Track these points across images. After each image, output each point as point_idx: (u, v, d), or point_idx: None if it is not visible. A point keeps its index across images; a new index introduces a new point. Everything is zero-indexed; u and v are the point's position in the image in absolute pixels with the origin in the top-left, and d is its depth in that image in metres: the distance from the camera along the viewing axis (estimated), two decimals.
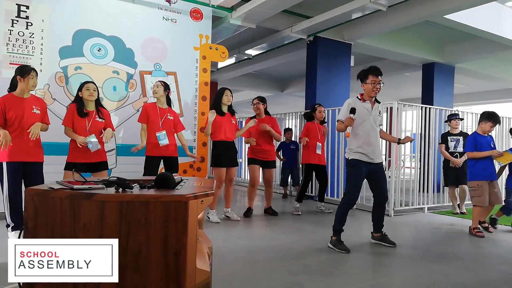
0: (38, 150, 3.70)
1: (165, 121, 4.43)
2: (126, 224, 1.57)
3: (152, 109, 4.42)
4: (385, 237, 3.93)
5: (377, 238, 3.95)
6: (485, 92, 14.14)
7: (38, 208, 1.61)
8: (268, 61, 9.68)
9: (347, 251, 3.57)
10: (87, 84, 3.94)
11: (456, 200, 5.99)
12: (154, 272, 1.58)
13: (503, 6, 7.66)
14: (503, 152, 4.48)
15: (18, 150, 3.54)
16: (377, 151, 3.77)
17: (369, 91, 3.68)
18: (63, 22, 4.81)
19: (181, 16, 5.63)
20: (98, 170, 3.90)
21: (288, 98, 15.20)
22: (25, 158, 3.58)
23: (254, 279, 2.87)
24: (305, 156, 5.79)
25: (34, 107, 3.66)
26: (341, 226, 3.73)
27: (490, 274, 3.15)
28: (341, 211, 3.74)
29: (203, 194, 1.68)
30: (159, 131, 4.36)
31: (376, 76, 3.63)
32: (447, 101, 9.41)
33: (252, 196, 5.35)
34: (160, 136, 4.34)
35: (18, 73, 3.58)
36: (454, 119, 5.86)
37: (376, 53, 8.78)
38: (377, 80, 3.64)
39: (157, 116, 4.39)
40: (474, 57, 9.09)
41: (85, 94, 3.88)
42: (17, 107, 3.55)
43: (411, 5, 6.30)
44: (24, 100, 3.61)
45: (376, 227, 3.97)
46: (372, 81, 3.63)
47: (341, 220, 3.73)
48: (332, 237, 3.74)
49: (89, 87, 3.90)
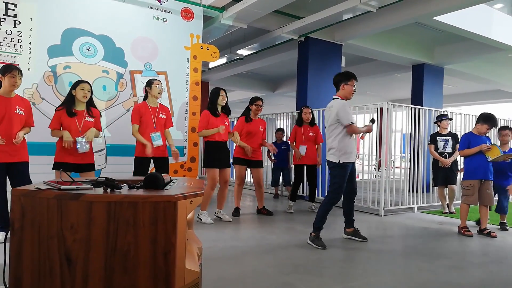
0: (22, 150, 3.64)
1: (158, 120, 4.40)
2: (114, 224, 1.55)
3: (144, 108, 4.36)
4: (357, 232, 4.12)
5: (350, 233, 4.13)
6: (474, 93, 14.31)
7: (24, 209, 1.59)
8: (260, 61, 9.68)
9: (323, 247, 3.71)
10: (82, 84, 3.90)
11: (445, 199, 6.04)
12: (143, 272, 1.56)
13: (492, 9, 7.76)
14: (491, 145, 4.47)
15: (0, 151, 3.48)
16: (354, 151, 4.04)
17: (348, 93, 3.93)
18: (52, 20, 4.75)
19: (172, 15, 5.61)
20: (85, 170, 3.87)
21: (279, 98, 15.22)
22: (8, 159, 3.52)
23: (244, 279, 2.86)
24: (296, 157, 5.87)
25: (17, 107, 3.59)
26: (322, 224, 3.89)
27: (478, 273, 3.19)
28: (323, 210, 3.90)
29: (193, 194, 1.67)
30: (153, 131, 4.32)
31: (356, 81, 3.95)
32: (437, 102, 9.51)
33: (239, 195, 5.42)
34: (155, 137, 4.29)
35: (0, 71, 3.53)
36: (444, 119, 5.92)
37: (367, 54, 8.84)
38: (355, 84, 3.95)
39: (150, 116, 4.34)
40: (464, 58, 9.19)
41: (79, 94, 3.85)
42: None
43: (401, 7, 6.36)
44: (7, 100, 3.55)
45: (348, 222, 4.15)
46: (353, 84, 3.92)
47: (322, 218, 3.89)
48: (312, 233, 3.88)
49: (84, 87, 3.86)
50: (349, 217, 4.14)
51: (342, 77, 3.96)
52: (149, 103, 4.42)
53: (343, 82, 3.92)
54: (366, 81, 12.08)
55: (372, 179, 6.32)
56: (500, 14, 7.96)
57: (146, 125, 4.31)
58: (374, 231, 4.70)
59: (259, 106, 5.36)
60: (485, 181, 4.47)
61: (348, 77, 3.92)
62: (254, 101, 5.39)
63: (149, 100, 4.43)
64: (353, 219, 4.15)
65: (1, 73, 3.51)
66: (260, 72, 12.32)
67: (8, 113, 3.52)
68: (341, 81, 3.94)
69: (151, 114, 4.35)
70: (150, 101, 4.43)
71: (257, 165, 5.40)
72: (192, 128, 5.65)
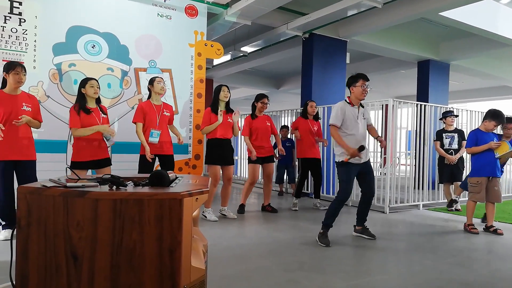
0: (30, 148, 3.66)
1: (162, 118, 4.40)
2: (120, 222, 1.56)
3: (148, 107, 4.36)
4: (367, 230, 4.13)
5: (359, 231, 4.17)
6: (480, 90, 14.20)
7: (31, 206, 1.60)
8: (264, 58, 9.65)
9: (326, 245, 3.71)
10: (91, 81, 3.93)
11: (451, 197, 6.00)
12: (149, 270, 1.56)
13: (498, 4, 7.68)
14: (501, 141, 4.42)
15: (8, 148, 3.49)
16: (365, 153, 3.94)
17: (359, 94, 3.89)
18: (56, 18, 4.76)
19: (176, 12, 5.59)
20: (102, 166, 3.92)
21: (283, 95, 15.19)
22: (16, 157, 3.54)
23: (249, 276, 2.86)
24: (300, 150, 5.87)
25: (24, 104, 3.61)
26: (331, 222, 3.88)
27: (483, 270, 3.17)
28: (333, 207, 3.90)
29: (198, 191, 1.67)
30: (156, 129, 4.33)
31: (365, 80, 3.91)
32: (442, 98, 9.44)
33: (248, 193, 5.43)
34: (154, 133, 4.30)
35: (5, 69, 3.55)
36: (449, 116, 5.88)
37: (372, 50, 8.79)
38: (365, 84, 3.90)
39: (154, 114, 4.35)
40: (469, 54, 9.11)
41: (90, 91, 3.90)
42: (5, 104, 3.50)
43: (407, 2, 6.31)
44: (14, 97, 3.57)
45: (359, 220, 4.16)
46: (362, 84, 3.88)
47: (332, 216, 3.89)
48: (320, 230, 3.88)
49: (93, 84, 3.91)
50: (361, 215, 4.16)
51: (350, 79, 4.00)
52: (153, 101, 4.43)
53: (351, 85, 3.97)
54: (371, 77, 11.91)
55: (377, 176, 6.29)
56: (506, 9, 7.87)
57: (150, 123, 4.32)
58: (379, 229, 4.68)
59: (265, 104, 5.37)
60: (492, 178, 4.43)
61: (355, 78, 3.94)
62: (260, 99, 5.39)
63: (153, 98, 4.44)
64: (366, 218, 4.16)
65: (5, 71, 3.53)
66: (265, 69, 12.29)
67: (15, 110, 3.53)
68: (350, 84, 3.99)
69: (156, 113, 4.35)
70: (154, 99, 4.43)
71: (270, 160, 5.46)
72: (197, 126, 5.64)
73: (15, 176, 3.67)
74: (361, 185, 4.09)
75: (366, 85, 3.90)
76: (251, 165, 5.33)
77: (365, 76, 3.95)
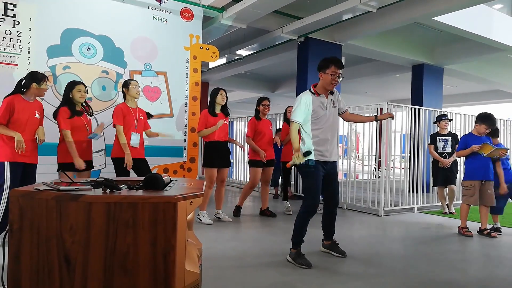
0: (35, 152, 3.75)
1: (139, 121, 4.32)
2: (113, 225, 1.54)
3: (126, 109, 4.25)
4: (336, 245, 3.56)
5: (327, 246, 3.60)
6: (473, 94, 14.31)
7: (23, 210, 1.58)
8: (259, 62, 9.67)
9: (308, 266, 3.13)
10: (79, 85, 3.98)
11: (445, 200, 6.04)
12: (143, 274, 1.55)
13: (492, 9, 7.77)
14: (482, 144, 4.41)
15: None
16: (333, 149, 3.38)
17: (327, 83, 3.30)
18: (51, 20, 4.74)
19: (171, 15, 5.59)
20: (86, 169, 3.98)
21: (279, 98, 15.20)
22: (25, 159, 3.61)
23: (244, 280, 2.85)
24: (282, 154, 5.81)
25: (36, 112, 3.69)
26: (302, 237, 3.31)
27: (478, 274, 3.18)
28: (300, 221, 3.30)
29: (192, 195, 1.67)
30: (135, 132, 4.24)
31: (338, 68, 3.28)
32: (436, 102, 9.50)
33: (246, 196, 5.43)
34: (133, 138, 4.21)
35: (34, 79, 3.60)
36: (443, 119, 5.92)
37: (367, 54, 8.83)
38: (337, 73, 3.28)
39: (132, 116, 4.25)
40: (463, 59, 9.19)
41: (77, 96, 3.96)
42: (24, 110, 3.57)
43: (401, 7, 6.35)
44: (30, 105, 3.65)
45: (327, 235, 3.59)
46: (333, 72, 3.26)
47: (301, 230, 3.29)
48: (292, 250, 3.30)
49: (80, 89, 3.97)
50: (327, 228, 3.57)
51: (321, 63, 3.34)
52: (129, 104, 4.31)
53: (321, 70, 3.34)
54: (365, 81, 12.08)
55: (372, 179, 6.31)
56: (499, 14, 7.97)
57: (129, 126, 4.21)
58: (374, 232, 4.69)
59: (266, 106, 5.34)
60: (486, 182, 4.45)
61: (326, 63, 3.30)
62: (261, 102, 5.38)
63: (128, 100, 4.31)
64: (333, 230, 3.58)
65: (36, 82, 3.60)
66: (260, 73, 12.31)
67: (31, 118, 3.63)
68: (319, 69, 3.36)
69: (133, 116, 4.27)
70: (129, 102, 4.32)
71: (271, 164, 5.44)
72: (192, 129, 5.64)
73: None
74: (324, 191, 3.42)
75: (338, 73, 3.27)
76: (252, 169, 5.31)
77: (339, 62, 3.30)
